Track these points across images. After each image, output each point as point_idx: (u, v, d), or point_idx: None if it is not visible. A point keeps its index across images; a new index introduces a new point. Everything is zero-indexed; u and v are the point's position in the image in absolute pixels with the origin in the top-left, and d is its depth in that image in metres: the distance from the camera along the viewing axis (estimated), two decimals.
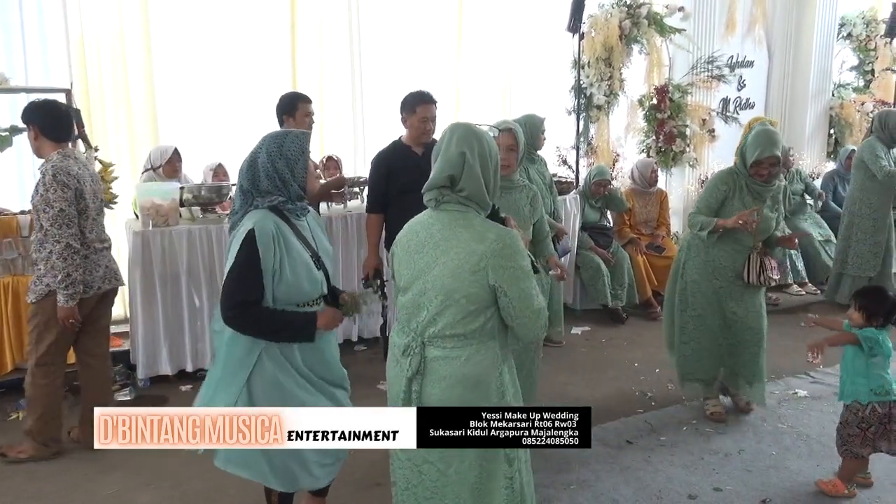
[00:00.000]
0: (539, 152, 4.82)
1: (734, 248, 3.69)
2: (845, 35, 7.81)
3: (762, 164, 3.55)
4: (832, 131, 7.70)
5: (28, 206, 4.28)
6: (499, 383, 2.06)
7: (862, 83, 7.95)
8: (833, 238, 6.44)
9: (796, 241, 3.95)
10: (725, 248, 3.71)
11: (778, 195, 3.75)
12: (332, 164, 5.43)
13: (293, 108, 4.02)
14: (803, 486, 3.17)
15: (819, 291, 6.36)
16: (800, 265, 6.40)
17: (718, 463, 3.38)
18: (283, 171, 2.34)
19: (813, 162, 7.50)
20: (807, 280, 6.42)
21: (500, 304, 1.99)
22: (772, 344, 5.00)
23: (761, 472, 3.29)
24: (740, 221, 3.50)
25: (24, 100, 4.60)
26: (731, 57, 7.01)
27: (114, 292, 3.62)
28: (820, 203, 6.79)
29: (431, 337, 2.01)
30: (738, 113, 7.15)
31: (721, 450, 3.50)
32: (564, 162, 6.42)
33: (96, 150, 4.17)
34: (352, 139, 5.87)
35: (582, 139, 6.31)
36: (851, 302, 3.16)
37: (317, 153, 5.61)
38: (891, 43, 7.58)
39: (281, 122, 4.02)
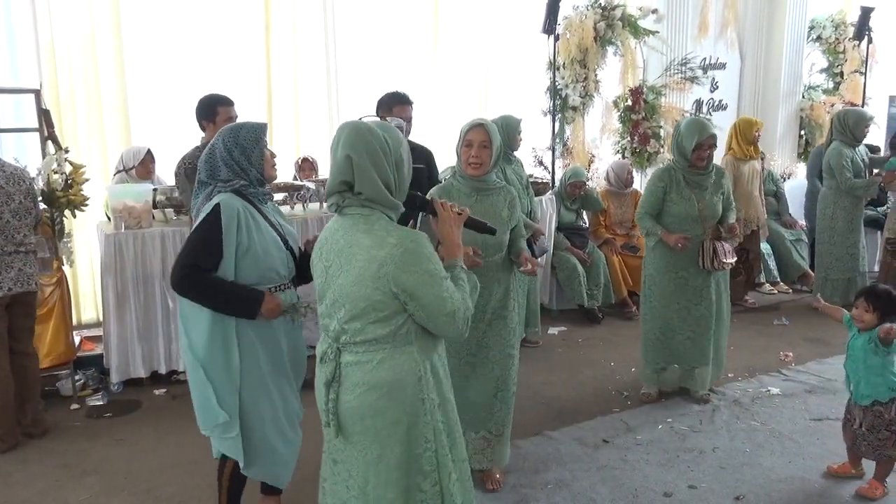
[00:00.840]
0: (516, 153, 4.83)
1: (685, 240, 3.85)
2: (815, 38, 7.94)
3: (703, 146, 3.77)
4: (803, 132, 7.83)
5: None
6: (417, 389, 1.94)
7: (831, 85, 8.08)
8: (804, 237, 6.55)
9: (737, 230, 4.12)
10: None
11: (721, 180, 3.96)
12: (307, 165, 5.40)
13: (213, 112, 3.64)
14: (776, 482, 3.21)
15: (791, 290, 6.45)
16: (772, 264, 6.49)
17: (693, 461, 3.41)
18: (239, 159, 2.45)
19: (784, 163, 7.61)
20: (779, 279, 6.51)
21: (409, 309, 1.90)
22: (745, 343, 5.10)
23: (735, 469, 3.33)
24: (678, 245, 3.76)
25: None
26: (704, 59, 7.10)
27: (30, 296, 3.66)
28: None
29: (345, 343, 1.95)
30: (710, 114, 7.25)
31: (696, 448, 3.53)
32: (540, 163, 6.44)
33: (66, 151, 4.10)
34: (327, 140, 5.82)
35: (557, 140, 6.34)
36: (859, 302, 3.12)
37: (292, 154, 5.58)
38: (859, 45, 7.71)
39: (202, 130, 3.74)
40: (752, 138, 5.63)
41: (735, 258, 4.03)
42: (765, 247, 6.49)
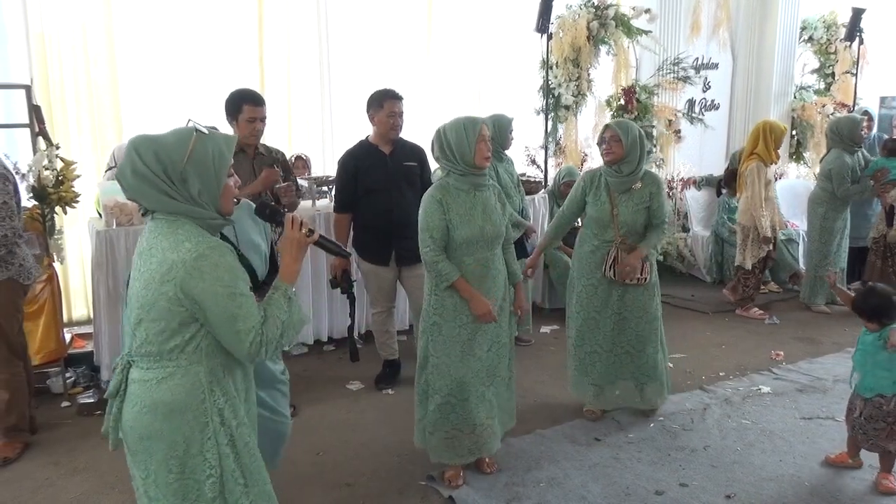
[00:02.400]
0: (507, 152, 4.84)
1: (595, 245, 3.74)
2: (806, 38, 7.97)
3: (603, 137, 3.66)
4: (794, 133, 7.86)
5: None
6: (199, 412, 1.82)
7: (823, 86, 8.11)
8: (795, 237, 6.58)
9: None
10: (589, 244, 3.78)
11: (646, 189, 3.66)
12: (300, 163, 5.39)
13: (237, 110, 3.64)
14: (767, 480, 3.22)
15: (781, 290, 6.48)
16: None
17: (685, 459, 3.42)
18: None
19: (776, 163, 7.62)
20: (769, 278, 6.54)
21: (199, 318, 1.79)
22: (736, 342, 5.12)
23: (726, 468, 3.34)
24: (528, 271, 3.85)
25: None
26: (697, 59, 7.12)
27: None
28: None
29: (134, 356, 1.84)
30: (703, 114, 7.27)
31: (687, 446, 3.55)
32: (533, 162, 6.45)
33: (57, 147, 4.07)
34: (320, 138, 5.83)
35: (550, 139, 6.35)
36: (860, 312, 3.13)
37: (285, 152, 5.56)
38: (850, 46, 7.75)
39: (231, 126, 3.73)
40: (782, 142, 5.53)
41: (643, 274, 3.70)
42: None
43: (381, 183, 4.00)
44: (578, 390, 3.89)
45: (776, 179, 7.19)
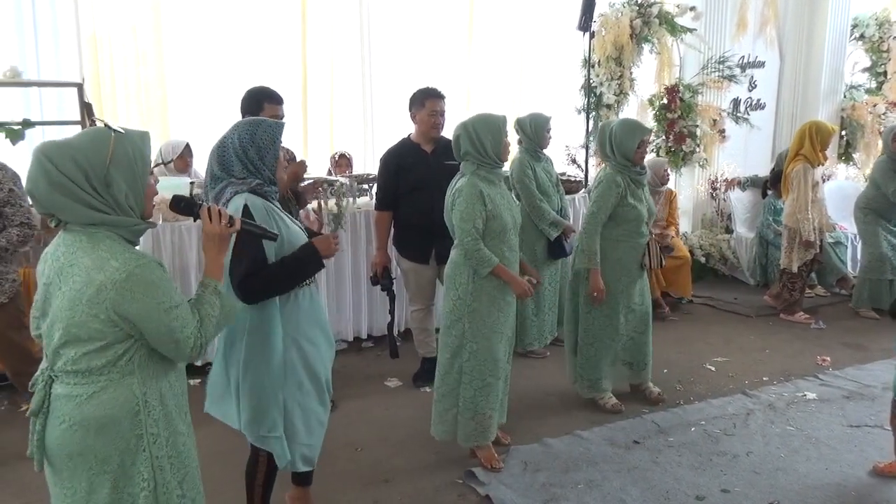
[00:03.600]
0: (546, 151, 4.81)
1: (635, 243, 3.84)
2: (858, 36, 7.76)
3: (644, 143, 3.75)
4: (844, 133, 7.66)
5: None
6: (133, 424, 1.75)
7: (874, 85, 7.90)
8: (843, 240, 6.42)
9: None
10: (629, 244, 3.83)
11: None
12: (343, 161, 5.44)
13: (258, 108, 3.54)
14: (812, 488, 3.15)
15: (829, 294, 6.33)
16: None
17: (726, 464, 3.37)
18: (253, 158, 2.37)
19: (824, 163, 7.44)
20: (816, 282, 6.39)
21: (133, 334, 1.73)
22: (780, 347, 5.02)
23: (769, 475, 3.28)
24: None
25: (36, 94, 4.66)
26: (743, 57, 6.98)
27: None
28: None
29: (59, 371, 1.74)
30: (748, 113, 7.13)
31: (729, 451, 3.49)
32: (573, 161, 6.41)
33: None
34: (362, 136, 5.88)
35: (591, 138, 6.30)
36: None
37: (327, 150, 5.63)
38: None
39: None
40: (829, 143, 5.41)
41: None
42: None
43: (422, 181, 4.01)
44: (614, 378, 4.03)
45: (824, 181, 7.03)
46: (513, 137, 3.63)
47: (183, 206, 2.02)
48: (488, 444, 3.34)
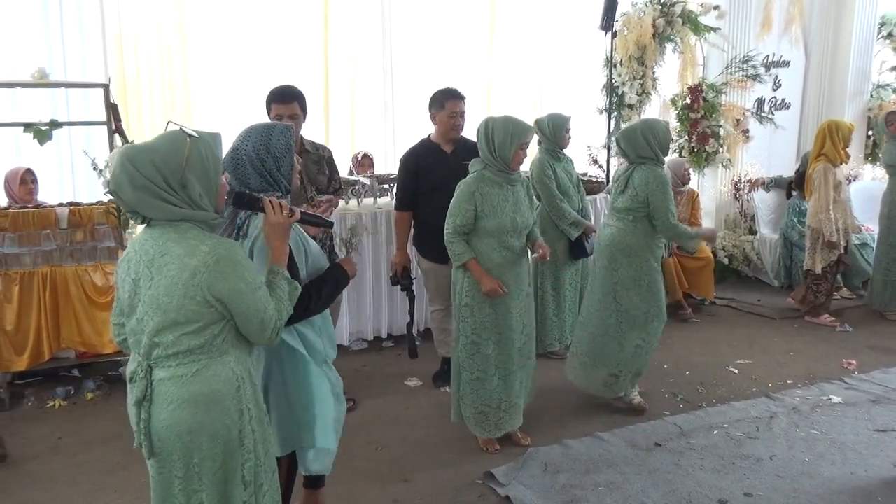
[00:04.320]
0: (566, 151, 4.79)
1: (663, 240, 3.94)
2: (885, 35, 7.63)
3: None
4: (870, 133, 7.54)
5: (66, 199, 4.40)
6: (235, 400, 1.88)
7: None
8: (870, 242, 6.32)
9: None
10: (658, 241, 3.83)
11: None
12: (366, 161, 5.46)
13: (268, 109, 3.57)
14: (837, 493, 3.11)
15: (855, 296, 6.24)
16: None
17: (749, 468, 3.33)
18: (271, 169, 2.31)
19: (850, 164, 7.34)
20: (842, 284, 6.30)
21: (225, 314, 1.85)
22: (805, 349, 4.96)
23: (793, 479, 3.23)
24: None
25: (63, 95, 4.72)
26: (767, 56, 6.90)
27: None
28: None
29: (157, 359, 1.84)
30: (773, 113, 7.05)
31: (752, 455, 3.45)
32: (595, 161, 6.37)
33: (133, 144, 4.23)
34: (382, 136, 5.89)
35: (613, 138, 6.26)
36: None
37: (349, 150, 5.65)
38: None
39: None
40: (850, 140, 5.34)
41: None
42: None
43: (442, 182, 4.00)
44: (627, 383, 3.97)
45: (850, 181, 6.94)
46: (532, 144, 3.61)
47: (246, 200, 2.12)
48: (485, 437, 3.48)
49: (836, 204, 5.26)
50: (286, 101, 3.50)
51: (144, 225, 1.89)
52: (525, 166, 4.53)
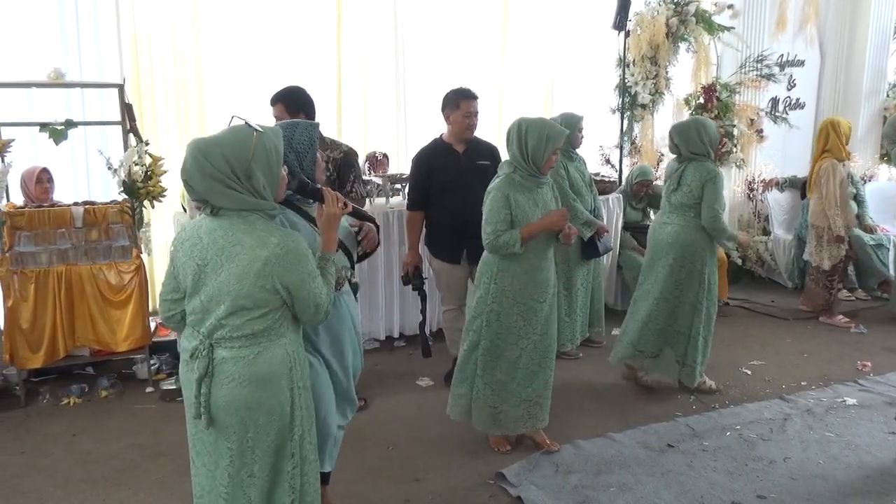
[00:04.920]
0: (578, 150, 4.78)
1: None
2: None
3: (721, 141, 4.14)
4: None
5: (82, 198, 4.43)
6: (289, 380, 2.05)
7: None
8: (885, 243, 6.26)
9: None
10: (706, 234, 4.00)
11: None
12: (385, 160, 5.47)
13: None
14: (852, 496, 3.08)
15: (869, 297, 6.19)
16: (850, 270, 6.22)
17: (763, 470, 3.31)
18: (292, 164, 2.35)
19: (865, 164, 7.29)
20: (857, 285, 6.25)
21: (287, 301, 2.01)
22: (819, 351, 4.93)
23: (807, 481, 3.21)
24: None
25: (78, 95, 4.76)
26: (782, 56, 6.85)
27: None
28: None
29: (219, 339, 1.99)
30: (787, 113, 7.00)
31: (766, 457, 3.43)
32: (607, 161, 6.35)
33: (147, 143, 4.26)
34: (395, 136, 5.89)
35: (626, 138, 6.24)
36: None
37: (361, 150, 5.65)
38: None
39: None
40: (850, 138, 5.38)
41: None
42: None
43: (454, 181, 4.01)
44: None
45: (865, 182, 6.88)
46: None
47: (310, 189, 2.26)
48: (498, 435, 3.48)
49: (843, 200, 5.27)
50: (272, 103, 3.68)
51: (210, 214, 2.01)
52: None
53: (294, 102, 3.65)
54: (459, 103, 3.96)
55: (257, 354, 1.99)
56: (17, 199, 4.30)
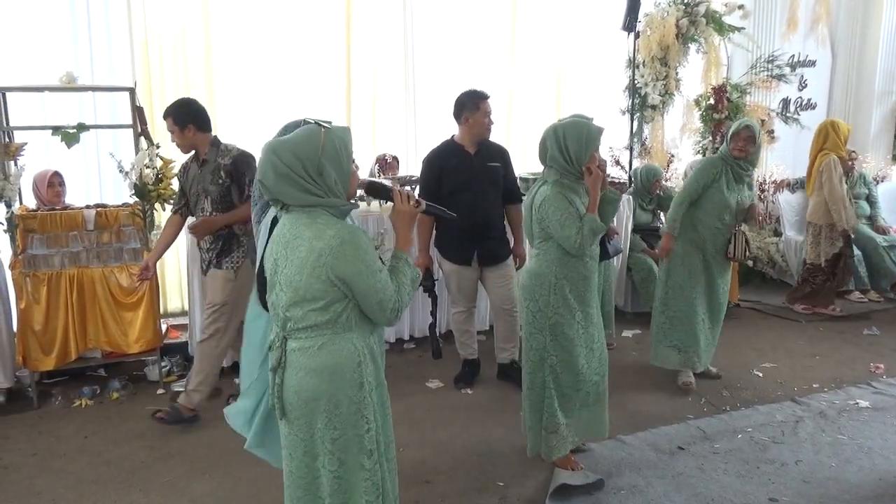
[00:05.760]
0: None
1: (718, 227, 4.12)
2: None
3: (738, 135, 4.06)
4: None
5: (93, 201, 4.46)
6: (357, 375, 2.06)
7: None
8: None
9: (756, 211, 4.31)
10: (710, 229, 4.13)
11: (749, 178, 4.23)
12: (394, 163, 5.47)
13: None
14: (865, 499, 3.06)
15: (882, 299, 6.14)
16: (862, 271, 6.18)
17: (774, 473, 3.29)
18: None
19: (878, 165, 7.24)
20: (869, 287, 6.20)
21: (347, 294, 2.02)
22: (831, 353, 4.89)
23: (820, 484, 3.19)
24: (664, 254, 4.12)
25: (90, 98, 4.79)
26: (793, 56, 6.82)
27: None
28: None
29: (290, 330, 2.06)
30: (798, 114, 6.97)
31: (777, 459, 3.41)
32: (617, 162, 6.33)
33: (158, 146, 4.28)
34: (404, 139, 5.90)
35: (636, 139, 6.22)
36: None
37: (371, 152, 5.66)
38: None
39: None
40: (847, 139, 5.45)
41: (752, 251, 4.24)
42: (855, 252, 6.20)
43: (466, 183, 4.01)
44: (673, 361, 4.29)
45: (878, 182, 6.83)
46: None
47: (380, 189, 2.28)
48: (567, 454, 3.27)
49: (836, 196, 5.37)
50: (164, 117, 3.77)
51: (280, 210, 2.07)
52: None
53: (181, 115, 3.70)
54: (479, 104, 3.97)
55: (321, 346, 2.03)
56: (30, 202, 4.34)
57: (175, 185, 4.30)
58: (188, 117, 3.71)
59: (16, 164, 4.16)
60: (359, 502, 2.11)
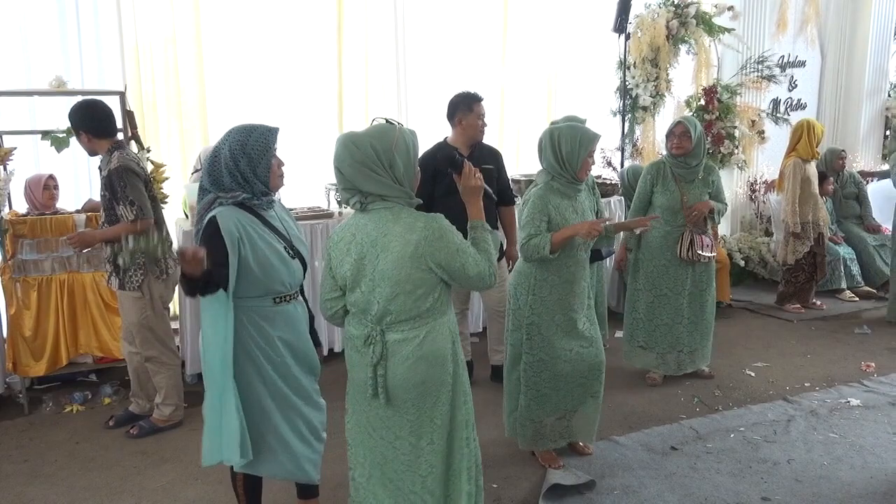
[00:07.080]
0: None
1: (666, 230, 4.17)
2: None
3: (673, 132, 4.12)
4: (888, 132, 7.47)
5: (85, 201, 4.43)
6: (453, 354, 2.26)
7: None
8: (888, 243, 6.24)
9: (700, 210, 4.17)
10: (660, 230, 4.17)
11: (709, 177, 4.21)
12: None
13: None
14: (856, 497, 3.07)
15: (872, 297, 6.17)
16: (854, 270, 6.21)
17: (767, 472, 3.30)
18: (245, 171, 2.31)
19: (867, 164, 7.29)
20: (862, 284, 6.23)
21: (445, 277, 2.18)
22: (822, 351, 4.91)
23: (812, 483, 3.20)
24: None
25: None
26: (782, 57, 6.86)
27: None
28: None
29: (389, 323, 2.18)
30: (788, 114, 7.01)
31: (769, 458, 3.42)
32: (609, 164, 6.35)
33: (148, 150, 4.27)
34: None
35: (627, 141, 6.24)
36: None
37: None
38: None
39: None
40: (821, 139, 5.58)
41: (713, 251, 4.22)
42: (847, 252, 6.24)
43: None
44: (641, 360, 4.38)
45: (868, 182, 6.87)
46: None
47: (455, 160, 2.42)
48: (545, 450, 3.35)
49: (806, 197, 5.50)
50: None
51: (360, 210, 2.20)
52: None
53: (74, 121, 3.54)
54: (472, 106, 3.98)
55: (426, 335, 2.19)
56: (20, 207, 4.31)
57: (166, 189, 4.30)
58: (80, 123, 3.51)
59: (5, 169, 4.14)
60: (460, 469, 2.31)
